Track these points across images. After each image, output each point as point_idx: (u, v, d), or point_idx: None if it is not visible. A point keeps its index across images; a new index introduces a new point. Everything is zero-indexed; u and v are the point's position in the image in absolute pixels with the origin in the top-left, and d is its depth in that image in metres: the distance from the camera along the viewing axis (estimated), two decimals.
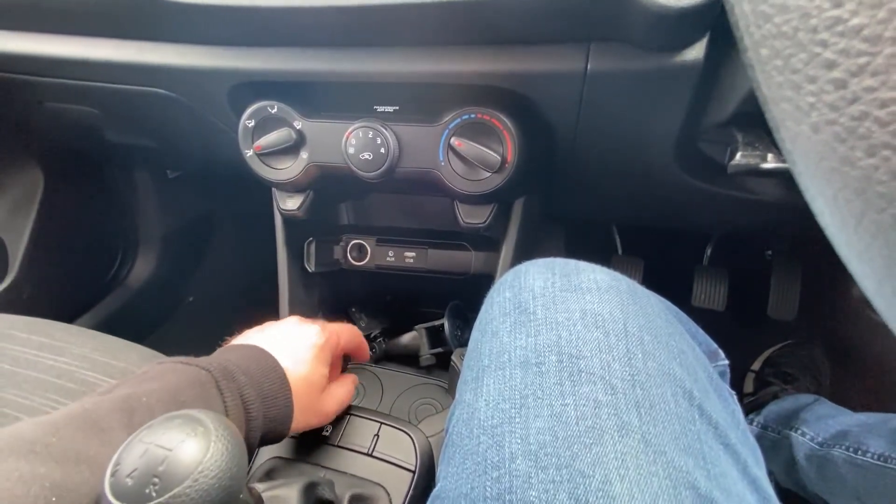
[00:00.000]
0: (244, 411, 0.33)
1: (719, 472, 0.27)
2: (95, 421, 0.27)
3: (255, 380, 0.35)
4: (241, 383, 0.34)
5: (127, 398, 0.29)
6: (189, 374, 0.32)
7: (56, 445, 0.26)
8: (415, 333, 0.64)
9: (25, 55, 0.52)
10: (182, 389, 0.31)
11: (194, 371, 0.33)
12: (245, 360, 0.36)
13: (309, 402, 0.40)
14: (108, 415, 0.28)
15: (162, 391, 0.31)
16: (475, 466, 0.28)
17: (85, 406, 0.28)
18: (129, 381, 0.32)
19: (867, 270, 0.10)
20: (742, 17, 0.10)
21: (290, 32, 0.43)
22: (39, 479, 0.24)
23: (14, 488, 0.23)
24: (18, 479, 0.24)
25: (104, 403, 0.29)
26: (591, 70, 0.39)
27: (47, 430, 0.26)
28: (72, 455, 0.26)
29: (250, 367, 0.36)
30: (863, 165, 0.09)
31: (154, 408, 0.29)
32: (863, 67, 0.08)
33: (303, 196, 0.53)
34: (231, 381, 0.33)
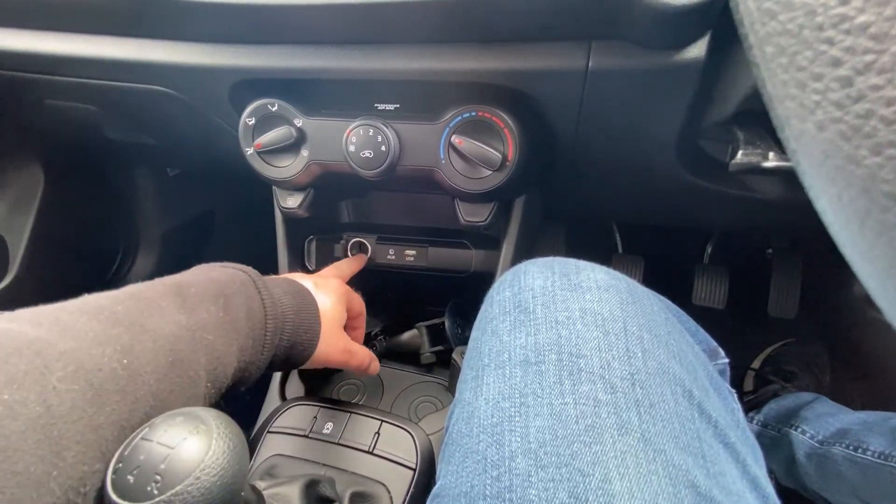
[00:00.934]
0: (282, 316, 0.36)
1: (719, 471, 0.27)
2: (151, 299, 0.29)
3: (288, 293, 0.38)
4: (276, 291, 0.36)
5: (177, 285, 0.31)
6: (230, 273, 0.35)
7: (122, 313, 0.27)
8: (415, 331, 0.64)
9: (26, 53, 0.52)
10: (226, 283, 0.33)
11: (234, 271, 0.36)
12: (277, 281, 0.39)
13: (331, 331, 0.42)
14: (161, 297, 0.30)
15: (209, 282, 0.33)
16: (475, 465, 0.28)
17: (139, 288, 0.30)
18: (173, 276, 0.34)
19: (871, 269, 0.10)
20: (747, 14, 0.10)
21: (292, 30, 0.43)
22: (112, 341, 0.25)
23: (90, 347, 0.24)
24: (94, 339, 0.25)
25: (157, 287, 0.30)
26: (593, 68, 0.39)
27: (112, 300, 0.28)
28: (137, 323, 0.27)
29: (282, 284, 0.38)
30: (868, 164, 0.09)
31: (203, 296, 0.31)
32: (869, 65, 0.08)
33: (303, 194, 0.53)
34: (266, 287, 0.36)
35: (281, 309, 0.36)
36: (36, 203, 0.75)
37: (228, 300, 0.32)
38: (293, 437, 0.47)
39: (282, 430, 0.48)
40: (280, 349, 0.36)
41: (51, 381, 0.22)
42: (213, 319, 0.30)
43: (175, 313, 0.29)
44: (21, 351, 0.22)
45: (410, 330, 0.64)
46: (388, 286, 0.70)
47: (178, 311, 0.29)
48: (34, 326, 0.24)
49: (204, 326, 0.30)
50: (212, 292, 0.32)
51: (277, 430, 0.48)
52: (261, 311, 0.34)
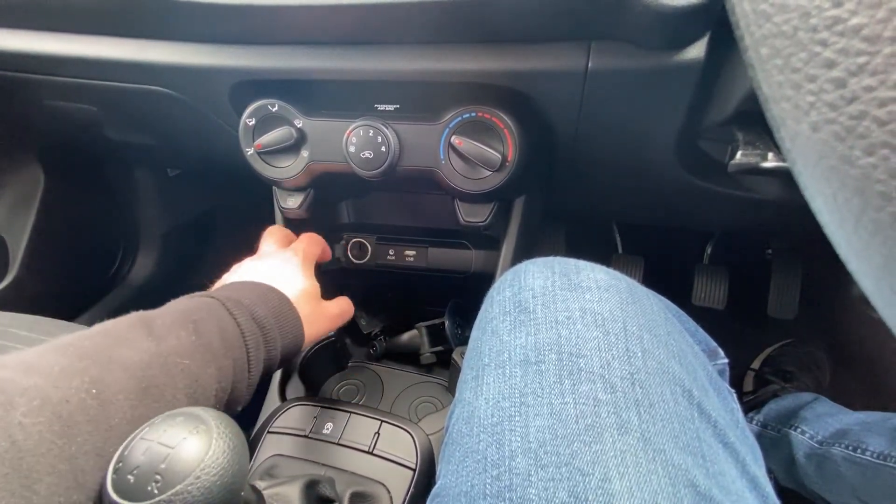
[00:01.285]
0: (259, 328, 0.35)
1: (718, 471, 0.27)
2: (118, 332, 0.29)
3: (260, 300, 0.37)
4: (247, 304, 0.36)
5: (143, 317, 0.31)
6: (198, 301, 0.35)
7: (89, 347, 0.27)
8: (415, 332, 0.64)
9: (26, 53, 0.52)
10: (193, 310, 0.33)
11: (201, 299, 0.35)
12: (241, 289, 0.38)
13: (311, 310, 0.42)
14: (128, 329, 0.30)
15: (175, 312, 0.32)
16: (475, 464, 0.28)
17: (106, 325, 0.30)
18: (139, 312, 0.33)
19: (866, 268, 0.10)
20: (742, 16, 0.10)
21: (292, 31, 0.43)
22: (80, 373, 0.25)
23: (57, 381, 0.25)
24: (60, 373, 0.25)
25: (120, 322, 0.30)
26: (592, 68, 0.39)
27: (78, 337, 0.28)
28: (104, 356, 0.27)
29: (248, 292, 0.37)
30: (862, 164, 0.09)
31: (170, 325, 0.31)
32: (862, 67, 0.08)
33: (303, 195, 0.53)
34: (238, 305, 0.35)
35: (257, 322, 0.35)
36: (36, 203, 0.75)
37: (198, 325, 0.32)
38: (293, 437, 0.47)
39: (282, 430, 0.48)
40: (271, 357, 0.36)
41: (15, 417, 0.22)
42: (184, 344, 0.30)
43: (143, 342, 0.29)
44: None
45: (410, 330, 0.64)
46: (388, 286, 0.70)
47: (147, 340, 0.29)
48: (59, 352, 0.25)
49: (176, 351, 0.29)
50: (180, 320, 0.32)
51: (277, 430, 0.48)
52: (235, 330, 0.34)
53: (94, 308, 0.86)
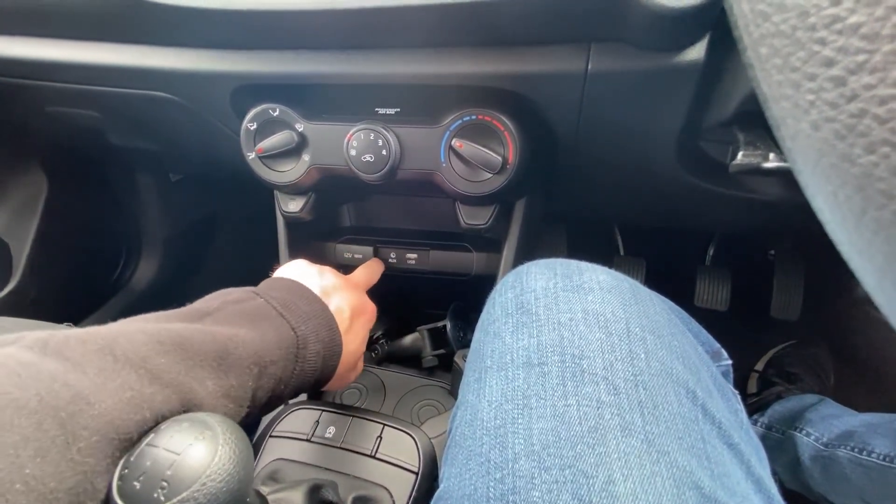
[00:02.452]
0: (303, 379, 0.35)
1: (723, 472, 0.27)
2: (196, 353, 0.29)
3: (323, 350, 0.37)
4: (311, 353, 0.36)
5: (226, 341, 0.30)
6: (280, 334, 0.34)
7: (163, 368, 0.27)
8: (417, 335, 0.64)
9: (28, 60, 0.52)
10: (270, 350, 0.33)
11: (285, 331, 0.34)
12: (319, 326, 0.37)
13: (342, 372, 0.41)
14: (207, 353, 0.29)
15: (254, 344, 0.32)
16: (478, 467, 0.28)
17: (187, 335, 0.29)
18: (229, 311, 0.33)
19: (868, 267, 0.10)
20: (741, 16, 0.10)
21: (292, 35, 0.44)
22: (148, 402, 0.25)
23: (126, 408, 0.24)
24: (131, 399, 0.25)
25: (206, 340, 0.30)
26: (592, 70, 0.39)
27: (156, 348, 0.27)
28: (173, 382, 0.27)
29: (322, 334, 0.37)
30: (862, 162, 0.09)
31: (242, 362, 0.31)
32: (861, 65, 0.08)
33: (305, 198, 0.53)
34: (307, 351, 0.35)
35: (307, 373, 0.35)
36: (39, 209, 0.76)
37: (265, 369, 0.32)
38: (295, 441, 0.47)
39: (284, 434, 0.48)
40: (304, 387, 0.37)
41: (72, 452, 0.22)
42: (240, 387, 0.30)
43: (209, 375, 0.29)
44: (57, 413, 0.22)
45: (412, 333, 0.64)
46: (390, 289, 0.70)
47: (213, 373, 0.29)
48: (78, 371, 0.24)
49: (227, 393, 0.30)
50: (253, 358, 0.31)
51: (280, 435, 0.48)
52: (288, 379, 0.34)
53: (97, 312, 0.86)
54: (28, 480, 0.20)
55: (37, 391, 0.22)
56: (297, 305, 0.36)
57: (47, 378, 0.23)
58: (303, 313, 0.36)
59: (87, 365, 0.25)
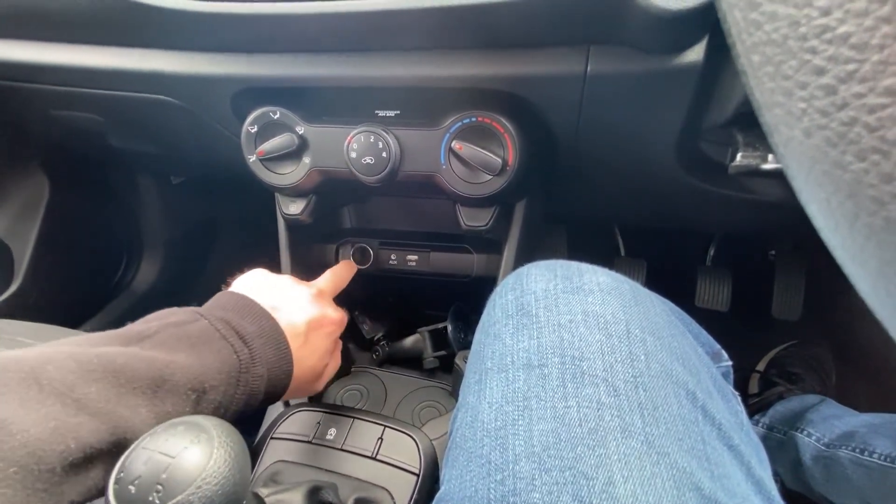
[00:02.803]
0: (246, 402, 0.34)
1: (723, 474, 0.27)
2: (126, 382, 0.28)
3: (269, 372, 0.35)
4: (256, 375, 0.34)
5: (162, 368, 0.30)
6: (222, 358, 0.33)
7: (92, 397, 0.27)
8: (418, 336, 0.64)
9: (31, 64, 0.52)
10: (210, 375, 0.32)
11: (227, 354, 0.33)
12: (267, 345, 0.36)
13: (298, 386, 0.40)
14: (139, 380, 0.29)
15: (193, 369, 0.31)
16: (479, 469, 0.28)
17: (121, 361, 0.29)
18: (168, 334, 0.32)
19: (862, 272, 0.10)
20: (734, 24, 0.10)
21: (293, 39, 0.44)
22: (73, 432, 0.25)
23: (49, 438, 0.24)
24: (54, 430, 0.25)
25: (141, 366, 0.29)
26: (591, 72, 0.39)
27: (86, 376, 0.27)
28: (102, 411, 0.27)
29: (269, 354, 0.36)
30: (854, 169, 0.09)
31: (179, 388, 0.30)
32: (851, 74, 0.08)
33: (305, 200, 0.53)
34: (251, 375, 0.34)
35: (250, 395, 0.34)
36: (41, 212, 0.76)
37: (204, 395, 0.31)
38: (296, 443, 0.47)
39: (285, 436, 0.48)
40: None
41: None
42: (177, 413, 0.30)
43: (143, 407, 0.28)
44: None
45: (413, 335, 0.64)
46: (391, 291, 0.71)
47: (147, 400, 0.29)
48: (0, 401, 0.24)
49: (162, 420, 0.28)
50: (191, 384, 0.31)
51: (281, 437, 0.48)
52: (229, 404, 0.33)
53: (99, 315, 0.86)
54: None
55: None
56: (242, 325, 0.35)
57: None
58: (247, 333, 0.35)
59: (10, 394, 0.25)
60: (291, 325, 0.39)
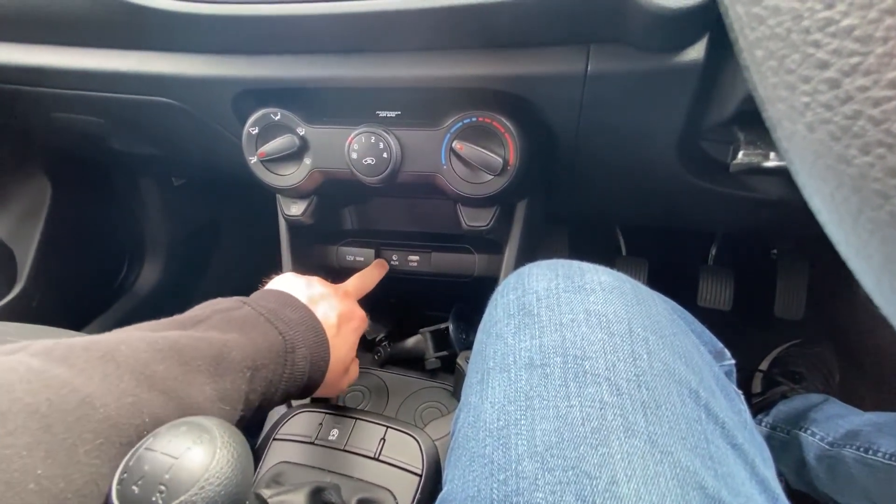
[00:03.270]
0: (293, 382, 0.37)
1: (727, 472, 0.27)
2: (190, 360, 0.30)
3: (310, 354, 0.38)
4: (299, 358, 0.37)
5: (220, 346, 0.32)
6: (269, 339, 0.35)
7: (161, 375, 0.28)
8: (419, 337, 0.64)
9: (33, 67, 0.53)
10: (261, 354, 0.34)
11: (274, 336, 0.36)
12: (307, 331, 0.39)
13: (333, 378, 0.42)
14: (203, 358, 0.30)
15: (246, 348, 0.33)
16: (481, 469, 0.28)
17: (183, 342, 0.30)
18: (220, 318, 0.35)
19: (866, 267, 0.10)
20: (736, 19, 0.10)
21: (293, 40, 0.44)
22: (147, 407, 0.26)
23: (127, 413, 0.25)
24: (132, 405, 0.26)
25: (202, 345, 0.31)
26: (592, 72, 0.39)
27: (155, 355, 0.29)
28: (171, 389, 0.28)
29: (309, 339, 0.38)
30: (858, 163, 0.09)
31: (236, 366, 0.32)
32: (855, 67, 0.08)
33: (307, 201, 0.53)
34: (296, 355, 0.37)
35: (296, 376, 0.37)
36: (43, 214, 0.76)
37: (256, 372, 0.33)
38: (299, 444, 0.47)
39: (288, 437, 0.48)
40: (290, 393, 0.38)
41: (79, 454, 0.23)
42: (234, 390, 0.32)
43: (205, 380, 0.30)
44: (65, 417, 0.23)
45: (415, 336, 0.64)
46: (392, 292, 0.71)
47: (209, 381, 0.30)
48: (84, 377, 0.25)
49: (222, 397, 0.31)
50: (246, 362, 0.33)
51: (283, 438, 0.48)
52: (278, 382, 0.35)
53: (101, 317, 0.86)
54: (40, 481, 0.21)
55: (46, 396, 0.23)
56: (284, 313, 0.38)
57: (56, 384, 0.24)
58: (290, 320, 0.38)
59: (91, 371, 0.26)
60: (326, 316, 0.42)
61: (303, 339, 0.38)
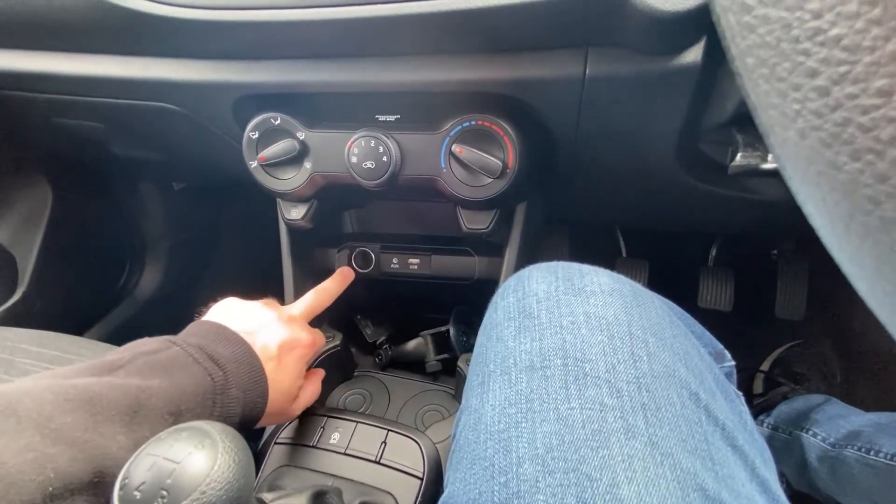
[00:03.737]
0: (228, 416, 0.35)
1: (728, 474, 0.27)
2: (103, 409, 0.29)
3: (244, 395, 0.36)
4: (231, 397, 0.35)
5: (137, 394, 0.30)
6: (196, 380, 0.33)
7: (69, 426, 0.27)
8: (420, 340, 0.64)
9: (32, 73, 0.53)
10: (186, 398, 0.32)
11: (202, 377, 0.34)
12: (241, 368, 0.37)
13: (277, 409, 0.41)
14: (115, 407, 0.29)
15: (169, 392, 0.31)
16: (483, 472, 0.28)
17: (96, 389, 0.29)
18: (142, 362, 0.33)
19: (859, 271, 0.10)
20: (728, 27, 0.11)
21: (292, 45, 0.44)
22: (51, 462, 0.25)
23: (29, 470, 0.24)
24: (34, 461, 0.25)
25: (116, 394, 0.29)
26: (590, 75, 0.39)
27: (63, 406, 0.27)
28: (79, 441, 0.27)
29: (243, 377, 0.36)
30: (849, 170, 0.09)
31: (156, 412, 0.30)
32: (844, 75, 0.08)
33: (307, 205, 0.53)
34: (226, 396, 0.35)
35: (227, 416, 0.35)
36: (45, 219, 0.76)
37: (180, 417, 0.32)
38: (300, 447, 0.47)
39: (288, 441, 0.48)
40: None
41: None
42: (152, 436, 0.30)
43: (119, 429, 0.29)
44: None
45: (415, 338, 0.64)
46: (393, 295, 0.71)
47: (125, 427, 0.29)
48: None
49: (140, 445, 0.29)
50: (168, 407, 0.31)
51: (284, 441, 0.48)
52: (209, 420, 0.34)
53: (102, 322, 0.86)
54: None
55: None
56: (215, 350, 0.36)
57: None
58: (222, 357, 0.36)
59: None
60: (264, 347, 0.40)
61: (235, 378, 0.36)
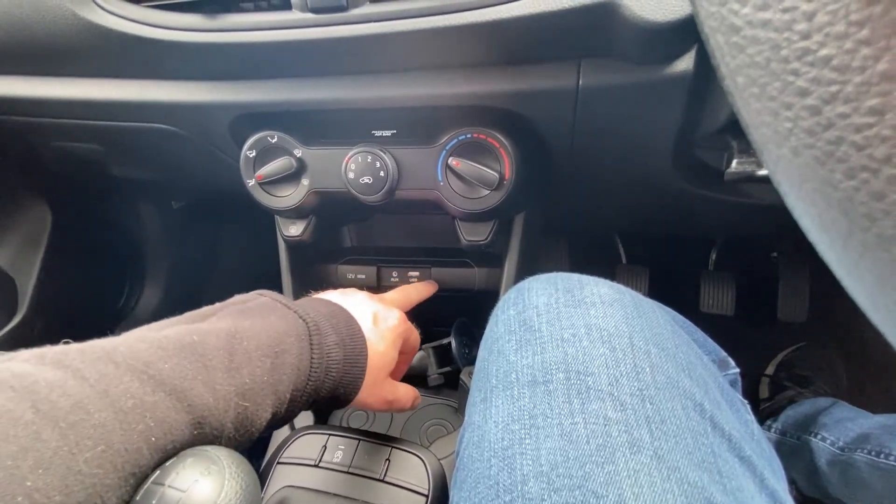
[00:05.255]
0: (325, 372, 0.33)
1: (736, 487, 0.27)
2: (202, 355, 0.27)
3: (342, 341, 0.35)
4: (329, 343, 0.34)
5: (231, 336, 0.29)
6: (289, 322, 0.32)
7: (167, 373, 0.25)
8: (422, 353, 0.63)
9: (31, 98, 0.53)
10: (280, 338, 0.31)
11: (294, 319, 0.33)
12: (335, 319, 0.36)
13: (375, 379, 0.38)
14: (213, 352, 0.28)
15: (262, 335, 0.30)
16: (487, 490, 0.27)
17: (193, 337, 0.28)
18: (232, 309, 0.32)
19: (859, 287, 0.10)
20: (717, 48, 0.11)
21: (287, 65, 0.45)
22: (150, 411, 0.24)
23: (128, 416, 0.23)
24: (132, 410, 0.23)
25: (210, 338, 0.28)
26: (584, 86, 0.40)
27: (160, 354, 0.26)
28: (178, 388, 0.25)
29: (340, 326, 0.35)
30: (844, 188, 0.09)
31: (252, 353, 0.29)
32: (834, 95, 0.08)
33: (305, 221, 0.53)
34: (323, 338, 0.33)
35: (327, 364, 0.33)
36: (44, 242, 0.76)
37: (277, 359, 0.30)
38: (303, 467, 0.46)
39: (292, 460, 0.47)
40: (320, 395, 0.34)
41: (78, 463, 0.21)
42: (255, 383, 0.29)
43: (218, 376, 0.27)
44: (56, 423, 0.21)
45: (417, 352, 0.64)
46: None
47: (223, 373, 0.27)
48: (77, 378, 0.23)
49: (242, 392, 0.28)
50: (263, 349, 0.30)
51: (287, 461, 0.47)
52: (307, 370, 0.32)
53: None
54: (31, 493, 0.19)
55: (32, 402, 0.21)
56: (305, 307, 0.35)
57: (44, 388, 0.22)
58: (313, 308, 0.35)
59: (87, 372, 0.24)
60: (359, 311, 0.39)
61: (330, 325, 0.34)
